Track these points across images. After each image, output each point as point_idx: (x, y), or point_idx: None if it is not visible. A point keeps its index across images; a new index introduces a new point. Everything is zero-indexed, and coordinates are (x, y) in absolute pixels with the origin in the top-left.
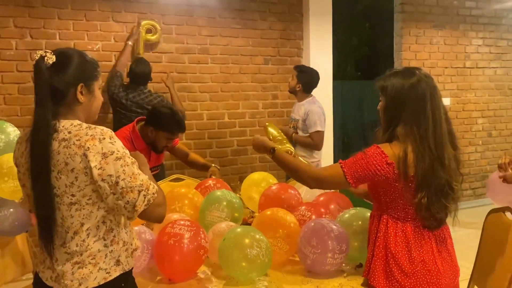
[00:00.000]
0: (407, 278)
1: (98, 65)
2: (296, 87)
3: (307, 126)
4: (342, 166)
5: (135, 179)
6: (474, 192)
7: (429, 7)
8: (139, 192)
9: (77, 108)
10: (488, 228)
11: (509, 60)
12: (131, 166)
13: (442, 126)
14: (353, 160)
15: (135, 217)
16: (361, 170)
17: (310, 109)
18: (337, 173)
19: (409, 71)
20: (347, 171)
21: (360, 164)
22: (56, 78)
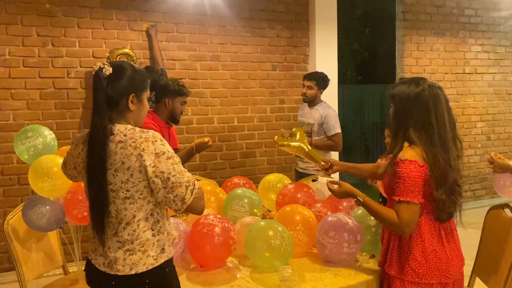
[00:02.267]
0: (420, 265)
1: (147, 77)
2: (318, 94)
3: (326, 130)
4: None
5: (183, 176)
6: (473, 194)
7: (429, 15)
8: (186, 187)
9: (128, 115)
10: (489, 224)
11: (507, 66)
12: (179, 164)
13: (446, 131)
14: (402, 186)
15: (183, 208)
16: (415, 186)
17: (327, 113)
18: (414, 209)
19: (414, 82)
20: (412, 198)
21: (409, 183)
22: (111, 88)
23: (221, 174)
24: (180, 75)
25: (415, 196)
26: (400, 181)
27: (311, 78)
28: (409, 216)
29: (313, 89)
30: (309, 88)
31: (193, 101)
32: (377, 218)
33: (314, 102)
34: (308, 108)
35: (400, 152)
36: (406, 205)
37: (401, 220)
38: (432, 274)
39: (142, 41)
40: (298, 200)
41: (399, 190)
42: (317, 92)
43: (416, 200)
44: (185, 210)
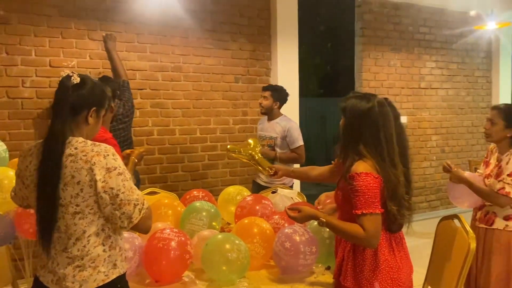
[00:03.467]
0: (374, 274)
1: (108, 94)
2: (274, 106)
3: (289, 143)
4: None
5: (132, 193)
6: (429, 205)
7: (387, 31)
8: (135, 205)
9: (83, 128)
10: (440, 234)
11: (459, 81)
12: (130, 181)
13: (394, 148)
14: (363, 199)
15: (129, 227)
16: (374, 198)
17: (289, 126)
18: (377, 219)
19: (366, 98)
20: (374, 209)
21: (369, 195)
22: (76, 97)
23: (183, 186)
24: (141, 85)
25: (376, 207)
26: (360, 194)
27: (266, 89)
28: (374, 227)
29: (268, 100)
30: (265, 98)
31: (154, 112)
32: (342, 235)
33: (272, 115)
34: (267, 122)
35: (353, 166)
36: (369, 217)
37: (367, 233)
38: (385, 283)
39: (102, 51)
40: (257, 212)
41: (360, 203)
42: (273, 104)
43: (377, 211)
44: (131, 228)
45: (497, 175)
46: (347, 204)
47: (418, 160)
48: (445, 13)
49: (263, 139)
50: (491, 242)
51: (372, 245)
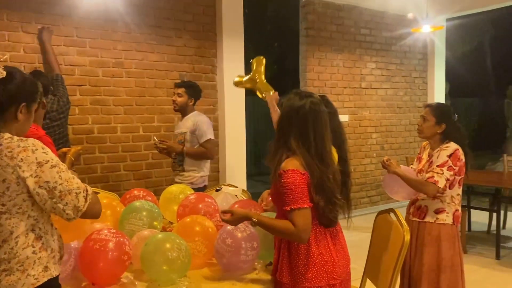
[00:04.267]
0: (309, 270)
1: (40, 89)
2: (189, 102)
3: (198, 136)
4: (299, 207)
5: (71, 183)
6: (370, 200)
7: (330, 32)
8: (77, 194)
9: (12, 125)
10: (377, 227)
11: (398, 82)
12: (66, 172)
13: (324, 145)
14: (290, 195)
15: (78, 216)
16: (302, 193)
17: (198, 120)
18: (306, 213)
19: (301, 95)
20: (302, 204)
21: (297, 191)
22: (3, 93)
23: (125, 186)
24: (80, 81)
25: (304, 202)
26: (288, 191)
27: (180, 86)
28: (303, 221)
29: (182, 97)
30: (179, 95)
31: (94, 109)
32: (274, 232)
33: (186, 112)
34: (181, 120)
35: (282, 163)
36: (298, 212)
37: (297, 228)
38: (320, 277)
39: (37, 45)
40: (199, 210)
41: (289, 199)
42: (187, 100)
43: (305, 205)
44: (81, 216)
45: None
46: (281, 201)
47: (359, 157)
48: (385, 16)
49: (176, 136)
50: (423, 235)
51: (302, 239)
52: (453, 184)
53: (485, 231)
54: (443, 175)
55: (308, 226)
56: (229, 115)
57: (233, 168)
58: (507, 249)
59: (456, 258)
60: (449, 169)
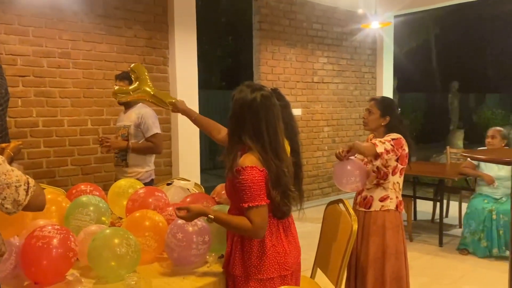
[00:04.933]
0: (261, 262)
1: None
2: None
3: (144, 130)
4: (257, 204)
5: (10, 176)
6: (322, 192)
7: (283, 26)
8: (16, 187)
9: None
10: (326, 217)
11: (348, 76)
12: (3, 164)
13: (278, 139)
14: (249, 193)
15: (19, 210)
16: (260, 190)
17: (143, 113)
18: (263, 210)
19: (252, 88)
20: (260, 202)
21: (255, 189)
22: None
23: (73, 181)
24: (23, 72)
25: (262, 199)
26: (246, 188)
27: (123, 78)
28: (261, 219)
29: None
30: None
31: (38, 102)
32: (231, 229)
33: (129, 104)
34: (123, 112)
35: (240, 159)
36: (256, 209)
37: (254, 225)
38: (272, 269)
39: None
40: (150, 205)
41: (247, 197)
42: None
43: (263, 202)
44: (24, 209)
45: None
46: (236, 196)
47: (311, 150)
48: (336, 11)
49: (118, 130)
50: (369, 225)
51: (259, 236)
52: (395, 171)
53: (430, 219)
54: (384, 144)
55: (265, 223)
56: None
57: (186, 161)
58: (450, 236)
59: (400, 246)
60: (391, 144)
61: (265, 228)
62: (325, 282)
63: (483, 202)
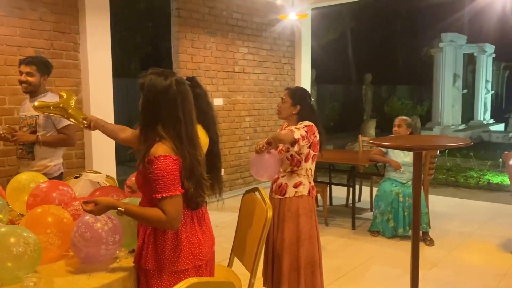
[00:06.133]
0: (176, 254)
1: None
2: (42, 81)
3: (56, 122)
4: (171, 195)
5: None
6: (244, 181)
7: (202, 14)
8: None
9: None
10: (243, 206)
11: (268, 67)
12: None
13: (194, 128)
14: (162, 183)
15: None
16: (174, 180)
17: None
18: (177, 201)
19: (164, 75)
20: (174, 192)
21: (169, 178)
22: None
23: None
24: None
25: (176, 189)
26: (159, 178)
27: (29, 63)
28: (175, 209)
29: (34, 76)
30: (29, 74)
31: None
32: (143, 221)
33: (37, 92)
34: (29, 101)
35: (152, 148)
36: (170, 200)
37: (169, 216)
38: (187, 260)
39: None
40: (53, 200)
41: (160, 187)
42: (41, 79)
43: (177, 192)
44: None
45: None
46: (148, 188)
47: (233, 140)
48: (256, 1)
49: (23, 120)
50: (284, 211)
51: (174, 227)
52: (308, 158)
53: (344, 204)
54: (299, 131)
55: (180, 213)
56: (94, 97)
57: (100, 153)
58: (361, 220)
59: (313, 231)
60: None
61: (180, 219)
62: (243, 270)
63: (391, 185)
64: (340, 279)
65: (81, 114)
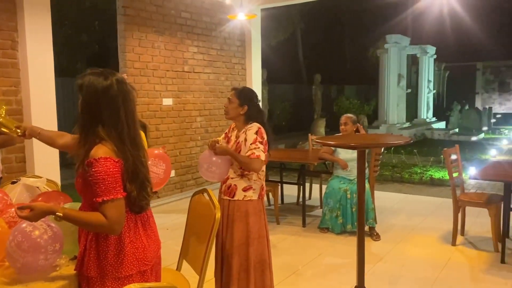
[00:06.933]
0: (119, 260)
1: None
2: None
3: None
4: (112, 198)
5: None
6: (195, 182)
7: (150, 13)
8: None
9: None
10: (192, 208)
11: (219, 67)
12: None
13: (136, 128)
14: (103, 186)
15: None
16: (115, 182)
17: None
18: (119, 204)
19: (103, 74)
20: (115, 195)
21: (110, 181)
22: None
23: None
24: None
25: (118, 192)
26: (100, 181)
27: None
28: (117, 213)
29: None
30: None
31: None
32: (84, 226)
33: None
34: None
35: (92, 150)
36: (111, 203)
37: (110, 220)
38: (131, 265)
39: None
40: None
41: (101, 190)
42: None
43: (119, 195)
44: None
45: (237, 149)
46: (88, 192)
47: (184, 141)
48: (205, 1)
49: None
50: (233, 212)
51: (116, 231)
52: None
53: (295, 203)
54: (259, 149)
55: (122, 217)
56: (35, 97)
57: (43, 156)
58: (312, 217)
59: (263, 230)
60: (261, 143)
61: (122, 223)
62: (193, 273)
63: (339, 183)
64: (291, 276)
65: (14, 122)
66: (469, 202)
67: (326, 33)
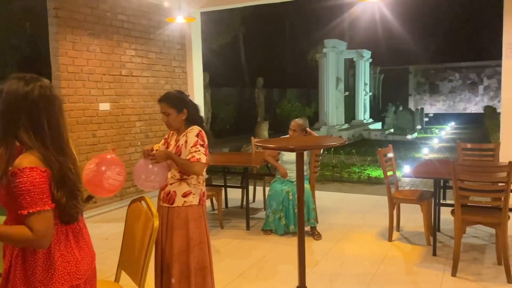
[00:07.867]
0: (48, 274)
1: None
2: None
3: None
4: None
5: None
6: (136, 189)
7: (84, 15)
8: None
9: None
10: (129, 217)
11: (159, 70)
12: None
13: (61, 134)
14: (28, 197)
15: None
16: (42, 193)
17: None
18: (46, 216)
19: (25, 80)
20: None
21: (36, 192)
22: None
23: None
24: None
25: (45, 203)
26: (25, 192)
27: None
28: (44, 226)
29: None
30: None
31: None
32: (8, 241)
33: None
34: None
35: (16, 160)
36: (37, 216)
37: (36, 233)
38: (62, 280)
39: None
40: None
41: (26, 202)
42: None
43: (47, 207)
44: None
45: (177, 153)
46: (13, 204)
47: (123, 147)
48: (142, 3)
49: None
50: (173, 219)
51: (43, 246)
52: None
53: (239, 206)
54: (200, 152)
55: (50, 230)
56: None
57: None
58: (256, 220)
59: (203, 236)
60: (202, 146)
61: (50, 236)
62: (132, 284)
63: (282, 184)
64: (235, 279)
65: None
66: (403, 199)
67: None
